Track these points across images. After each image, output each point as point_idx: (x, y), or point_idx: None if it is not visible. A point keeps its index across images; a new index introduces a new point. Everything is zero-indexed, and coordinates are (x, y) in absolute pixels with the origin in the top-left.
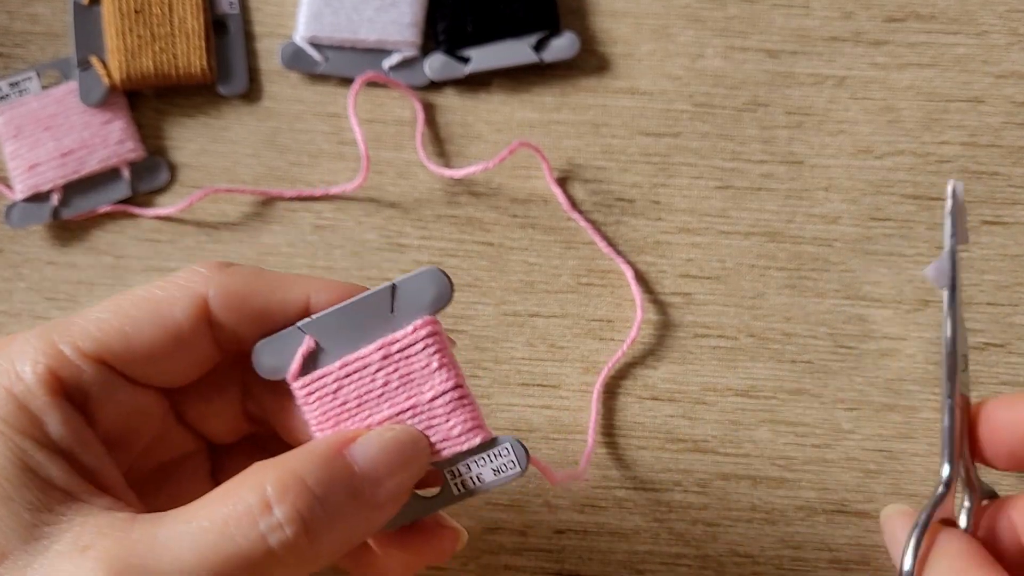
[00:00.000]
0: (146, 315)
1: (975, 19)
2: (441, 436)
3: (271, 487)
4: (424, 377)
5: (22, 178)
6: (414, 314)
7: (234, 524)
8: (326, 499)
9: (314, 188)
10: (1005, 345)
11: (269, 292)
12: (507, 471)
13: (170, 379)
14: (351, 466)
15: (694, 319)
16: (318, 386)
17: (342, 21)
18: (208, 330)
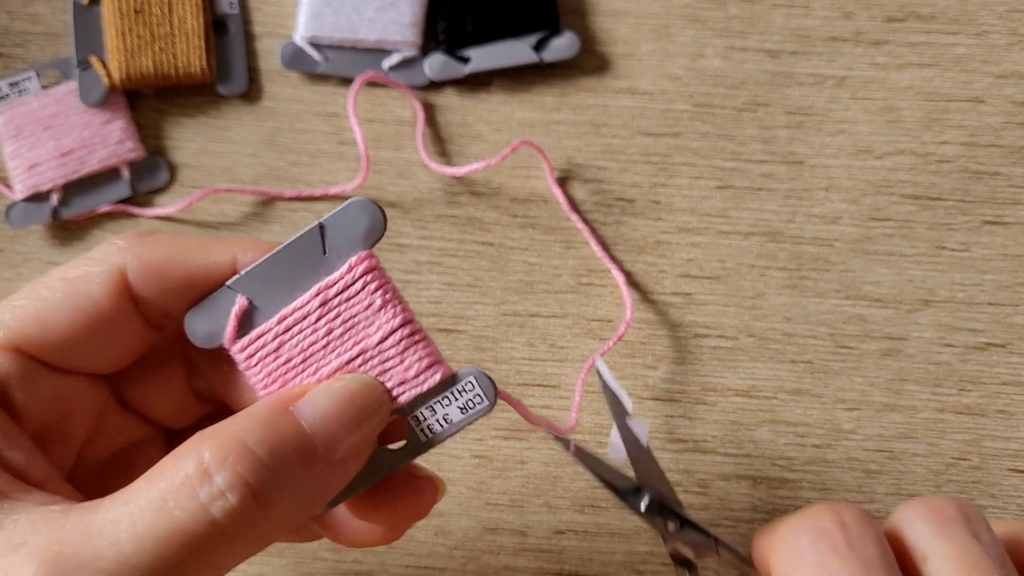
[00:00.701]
0: (61, 296)
1: (975, 19)
2: (397, 379)
3: (209, 453)
4: (369, 318)
5: (22, 178)
6: (348, 251)
7: (172, 497)
8: (273, 461)
9: (314, 188)
10: (1006, 345)
11: (190, 258)
12: (476, 406)
13: (100, 363)
14: (299, 423)
15: (694, 319)
16: (258, 346)
17: (342, 21)
18: (132, 307)
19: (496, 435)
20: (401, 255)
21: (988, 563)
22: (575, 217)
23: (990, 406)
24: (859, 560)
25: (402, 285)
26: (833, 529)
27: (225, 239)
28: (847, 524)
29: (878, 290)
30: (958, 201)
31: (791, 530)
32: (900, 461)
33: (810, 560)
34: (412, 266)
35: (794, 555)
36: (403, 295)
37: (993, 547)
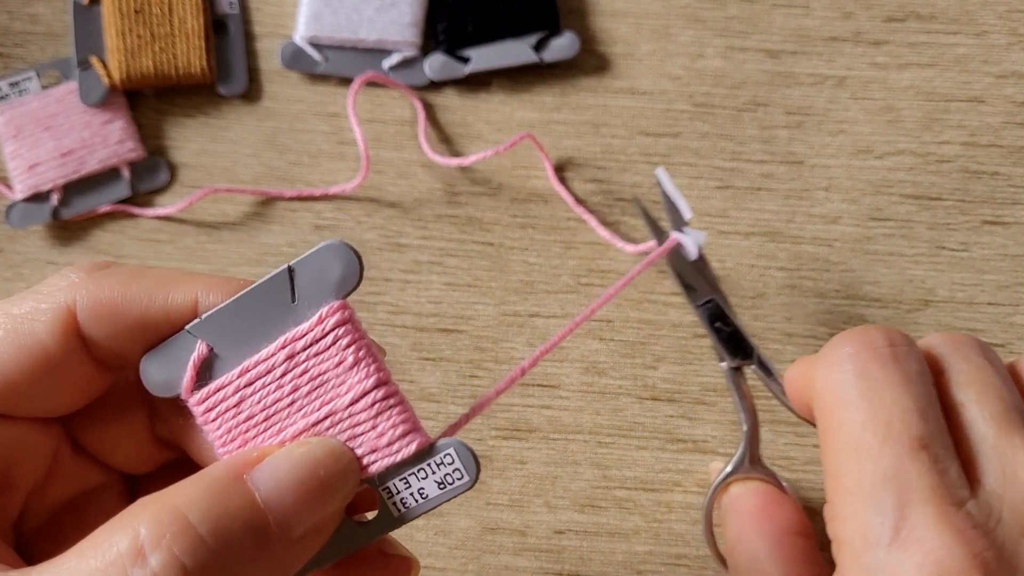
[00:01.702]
0: (3, 335)
1: (975, 19)
2: (369, 447)
3: (145, 528)
4: (339, 377)
5: (22, 178)
6: (319, 300)
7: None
8: (217, 542)
9: (314, 188)
10: (1006, 345)
11: (147, 298)
12: (455, 482)
13: (48, 407)
14: (252, 496)
15: (694, 319)
16: (217, 400)
17: (342, 21)
18: (82, 348)
19: (496, 435)
20: (401, 255)
21: (997, 380)
22: (580, 209)
23: None
24: (902, 373)
25: (402, 285)
26: (881, 342)
27: (188, 276)
28: (894, 341)
29: (878, 290)
30: (958, 201)
31: (838, 340)
32: None
33: (852, 369)
34: (412, 266)
35: (837, 363)
36: (403, 295)
37: (1002, 369)
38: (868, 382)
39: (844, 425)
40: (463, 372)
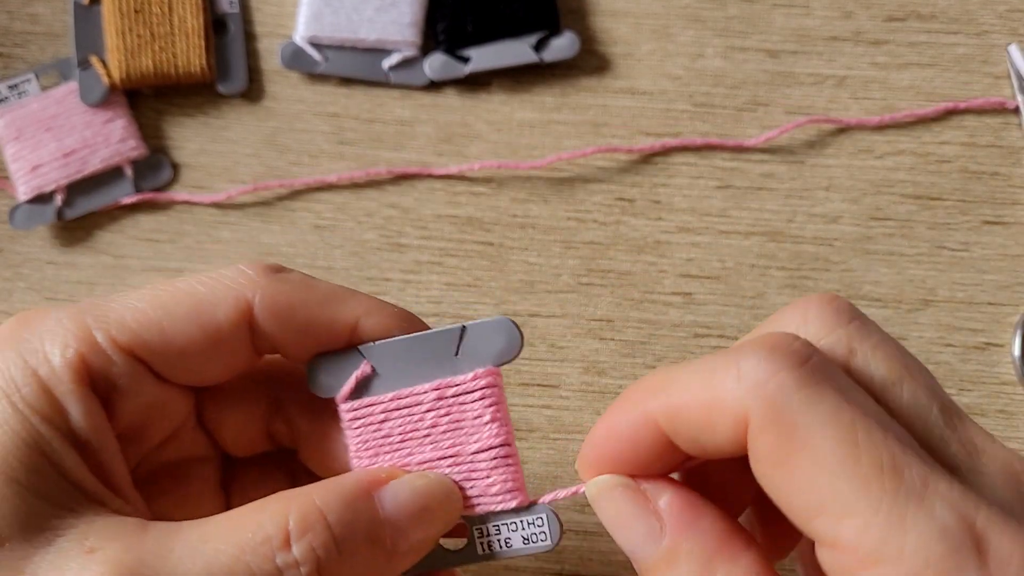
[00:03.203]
0: (186, 312)
1: (975, 19)
2: (478, 491)
3: (293, 520)
4: (474, 428)
5: (25, 179)
6: (478, 362)
7: (250, 552)
8: (344, 541)
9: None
10: (1005, 345)
11: (318, 307)
12: (537, 542)
13: (200, 379)
14: (377, 510)
15: (694, 319)
16: (365, 413)
17: (342, 21)
18: (248, 335)
19: None
20: (401, 255)
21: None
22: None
23: (990, 406)
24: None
25: (402, 285)
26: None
27: (355, 296)
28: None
29: (878, 290)
30: (958, 201)
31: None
32: None
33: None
34: (412, 266)
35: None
36: (403, 295)
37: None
38: (817, 401)
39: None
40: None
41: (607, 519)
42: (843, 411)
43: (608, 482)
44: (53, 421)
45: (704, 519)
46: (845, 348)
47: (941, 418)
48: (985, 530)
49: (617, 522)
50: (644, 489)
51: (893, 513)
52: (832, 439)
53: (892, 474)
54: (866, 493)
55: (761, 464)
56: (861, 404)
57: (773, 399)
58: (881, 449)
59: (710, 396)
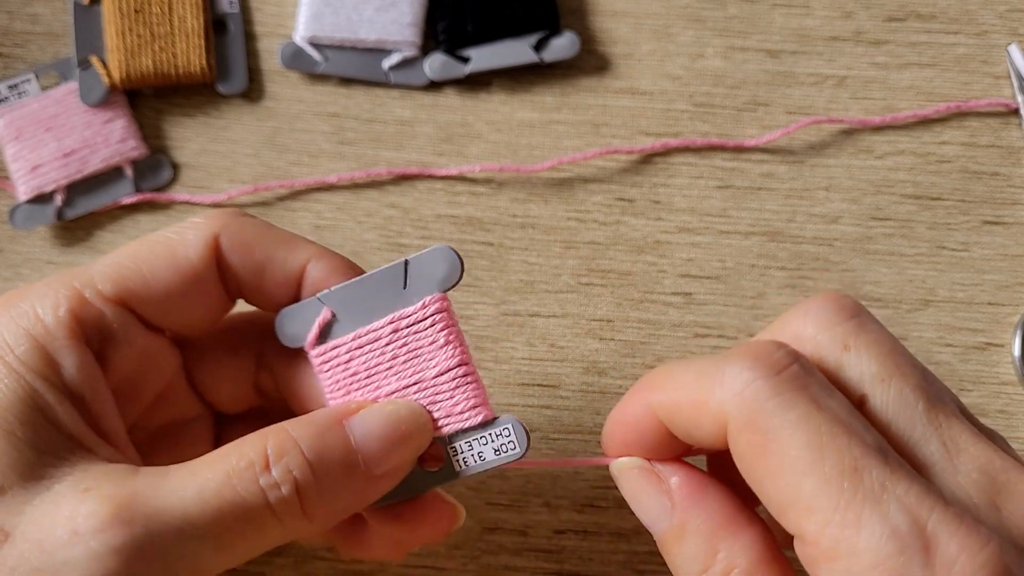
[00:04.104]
0: (162, 257)
1: (975, 19)
2: (444, 412)
3: (271, 447)
4: (431, 353)
5: (25, 179)
6: (425, 290)
7: (236, 476)
8: (318, 465)
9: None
10: (1005, 345)
11: (274, 246)
12: (508, 451)
13: (185, 322)
14: (347, 438)
15: (694, 319)
16: (332, 356)
17: (342, 21)
18: (218, 272)
19: None
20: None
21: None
22: None
23: (990, 406)
24: (808, 399)
25: None
26: (775, 366)
27: (305, 243)
28: (785, 363)
29: (878, 290)
30: (958, 201)
31: (734, 363)
32: None
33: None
34: None
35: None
36: None
37: (874, 324)
38: (789, 410)
39: (778, 453)
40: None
41: (627, 496)
42: (812, 417)
43: (626, 463)
44: (47, 376)
45: (710, 498)
46: (840, 344)
47: (925, 416)
48: (935, 532)
49: (635, 499)
50: (658, 470)
51: (850, 512)
52: (799, 443)
53: (852, 476)
54: (827, 492)
55: (740, 462)
56: (832, 410)
57: (748, 405)
58: (844, 453)
59: (698, 397)
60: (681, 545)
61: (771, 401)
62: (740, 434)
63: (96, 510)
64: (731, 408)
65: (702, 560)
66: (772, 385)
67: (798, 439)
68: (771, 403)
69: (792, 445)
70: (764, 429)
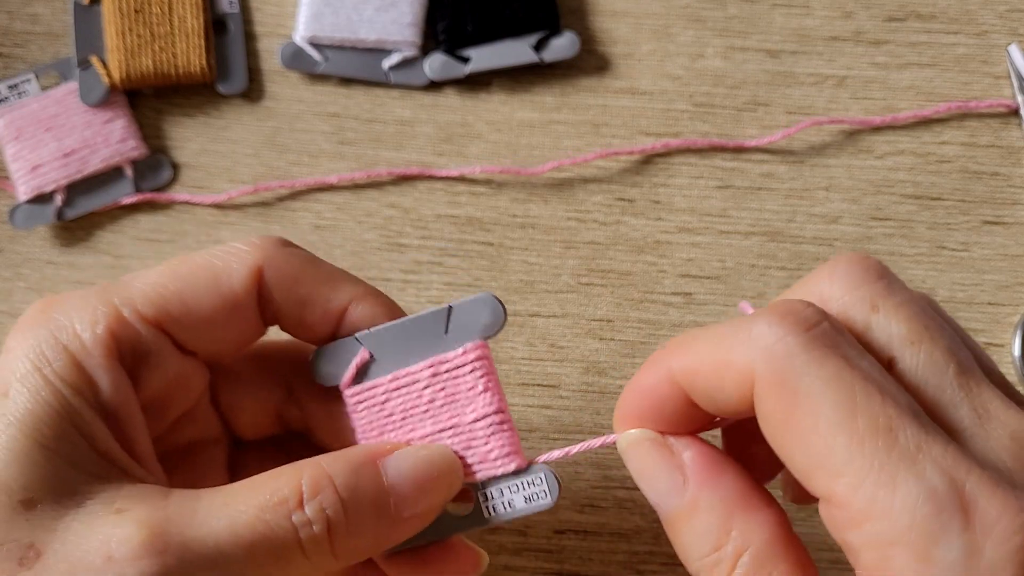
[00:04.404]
0: (204, 282)
1: (975, 19)
2: (478, 458)
3: (306, 483)
4: (469, 399)
5: (25, 179)
6: (466, 337)
7: (270, 511)
8: (351, 504)
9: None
10: (1005, 345)
11: (319, 283)
12: (538, 500)
13: (218, 348)
14: (381, 477)
15: (694, 319)
16: (367, 396)
17: (342, 21)
18: (258, 302)
19: None
20: (401, 255)
21: (921, 317)
22: None
23: None
24: (840, 357)
25: (402, 285)
26: (806, 322)
27: (351, 281)
28: (816, 319)
29: None
30: (958, 201)
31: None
32: None
33: (796, 349)
34: (412, 266)
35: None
36: (403, 295)
37: (905, 291)
38: (820, 366)
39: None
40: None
41: (634, 470)
42: (844, 374)
43: (637, 436)
44: (83, 393)
45: (726, 475)
46: (868, 305)
47: (956, 380)
48: (974, 494)
49: (643, 474)
50: (670, 444)
51: (884, 473)
52: (831, 401)
53: (886, 436)
54: (860, 453)
55: (766, 423)
56: (864, 369)
57: (778, 361)
58: (878, 412)
59: (724, 357)
60: (691, 523)
61: (801, 357)
62: (768, 392)
63: (131, 535)
64: (759, 365)
65: (714, 539)
66: (802, 342)
67: (830, 397)
68: (801, 359)
69: (824, 403)
70: (794, 386)
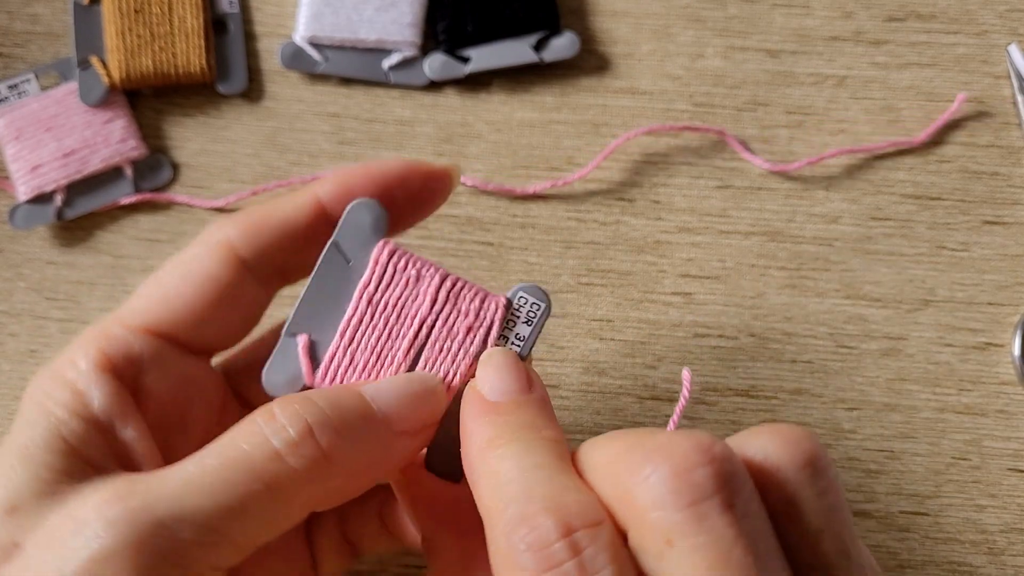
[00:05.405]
0: (180, 276)
1: (975, 19)
2: (465, 327)
3: (278, 406)
4: (413, 293)
5: (25, 179)
6: (367, 249)
7: (240, 435)
8: (334, 413)
9: None
10: (1005, 345)
11: (279, 209)
12: (537, 314)
13: (223, 335)
14: (362, 395)
15: (694, 319)
16: (335, 367)
17: (342, 21)
18: (245, 272)
19: None
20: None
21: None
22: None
23: (990, 406)
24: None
25: None
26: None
27: (306, 185)
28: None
29: (878, 290)
30: (958, 201)
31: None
32: (900, 461)
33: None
34: None
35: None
36: None
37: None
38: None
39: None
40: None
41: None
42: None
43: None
44: (75, 409)
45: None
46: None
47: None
48: None
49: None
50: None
51: None
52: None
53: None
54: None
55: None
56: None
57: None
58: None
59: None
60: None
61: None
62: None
63: (101, 499)
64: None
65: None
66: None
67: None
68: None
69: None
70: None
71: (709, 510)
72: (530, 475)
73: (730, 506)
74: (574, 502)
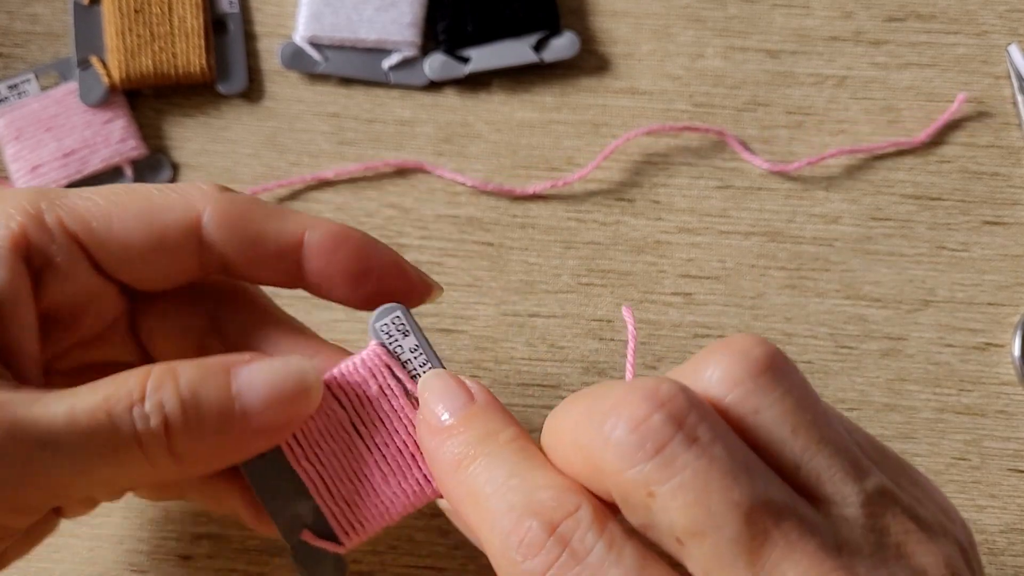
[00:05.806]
0: (136, 211)
1: (975, 19)
2: (375, 392)
3: (151, 379)
4: (328, 416)
5: (25, 180)
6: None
7: (113, 401)
8: (191, 406)
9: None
10: (1005, 345)
11: (266, 219)
12: (404, 322)
13: (139, 279)
14: (228, 385)
15: (694, 319)
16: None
17: (342, 21)
18: (195, 246)
19: None
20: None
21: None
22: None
23: (990, 406)
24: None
25: None
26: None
27: (299, 214)
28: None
29: (878, 290)
30: (958, 201)
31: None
32: None
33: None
34: None
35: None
36: None
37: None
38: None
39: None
40: (463, 372)
41: (435, 387)
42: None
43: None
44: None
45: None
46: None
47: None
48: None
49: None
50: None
51: None
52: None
53: None
54: None
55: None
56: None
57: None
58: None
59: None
60: (485, 416)
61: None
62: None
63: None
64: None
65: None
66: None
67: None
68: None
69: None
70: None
71: (675, 450)
72: (503, 486)
73: (694, 440)
74: (549, 498)
